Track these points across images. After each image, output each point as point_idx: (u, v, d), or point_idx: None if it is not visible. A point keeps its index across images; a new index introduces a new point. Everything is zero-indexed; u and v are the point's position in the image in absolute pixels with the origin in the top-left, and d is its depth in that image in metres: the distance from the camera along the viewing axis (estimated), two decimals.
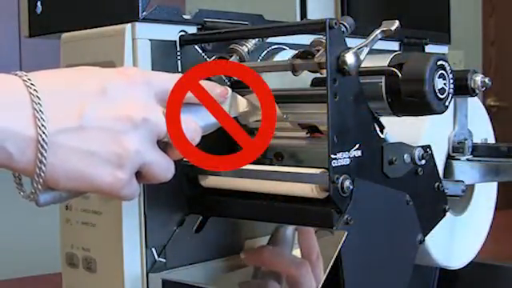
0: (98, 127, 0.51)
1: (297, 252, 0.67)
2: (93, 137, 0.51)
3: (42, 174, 0.50)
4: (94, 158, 0.51)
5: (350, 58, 0.55)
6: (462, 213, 0.74)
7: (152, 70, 0.62)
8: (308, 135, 0.63)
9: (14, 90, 0.50)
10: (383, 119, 0.60)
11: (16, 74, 0.51)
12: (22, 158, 0.50)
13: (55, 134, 0.50)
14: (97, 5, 0.65)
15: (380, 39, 0.57)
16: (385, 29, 0.57)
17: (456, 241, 0.72)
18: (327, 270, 0.55)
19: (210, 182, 0.62)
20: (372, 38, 0.57)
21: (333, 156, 0.55)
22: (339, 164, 0.55)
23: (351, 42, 0.56)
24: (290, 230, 0.66)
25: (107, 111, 0.52)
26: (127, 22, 0.61)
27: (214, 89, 0.59)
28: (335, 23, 0.55)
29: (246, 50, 0.63)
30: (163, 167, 0.55)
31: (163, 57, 0.62)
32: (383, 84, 0.58)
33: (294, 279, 0.62)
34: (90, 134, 0.51)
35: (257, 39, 0.64)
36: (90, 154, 0.51)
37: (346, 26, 0.58)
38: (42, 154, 0.50)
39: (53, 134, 0.50)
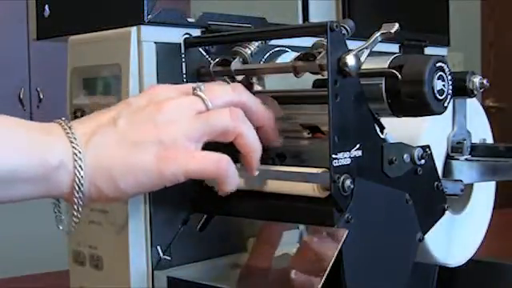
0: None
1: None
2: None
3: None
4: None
5: (350, 60, 0.55)
6: (461, 211, 0.74)
7: (157, 71, 0.63)
8: (310, 136, 0.63)
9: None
10: (383, 120, 0.61)
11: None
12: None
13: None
14: (103, 8, 0.66)
15: (380, 41, 0.58)
16: (385, 31, 0.58)
17: (455, 239, 0.73)
18: (328, 268, 0.56)
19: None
20: (372, 40, 0.58)
21: (334, 156, 0.55)
22: (340, 164, 0.56)
23: (352, 44, 0.57)
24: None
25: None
26: (133, 25, 0.62)
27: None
28: (336, 26, 0.56)
29: (248, 52, 0.64)
30: None
31: (168, 59, 0.63)
32: (383, 85, 0.59)
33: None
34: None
35: (259, 41, 0.65)
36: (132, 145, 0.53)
37: (346, 29, 0.59)
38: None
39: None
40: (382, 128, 0.60)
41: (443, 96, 0.59)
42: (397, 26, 0.58)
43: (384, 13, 0.85)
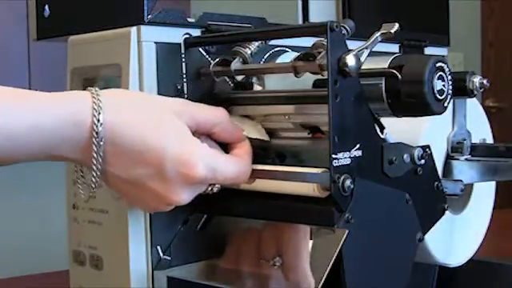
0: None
1: None
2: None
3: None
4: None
5: (350, 60, 0.55)
6: (461, 211, 0.74)
7: (157, 71, 0.62)
8: (310, 135, 0.63)
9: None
10: (383, 120, 0.61)
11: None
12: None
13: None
14: (103, 8, 0.66)
15: (380, 41, 0.58)
16: (385, 31, 0.58)
17: (455, 239, 0.73)
18: (328, 268, 0.56)
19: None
20: (372, 40, 0.58)
21: (334, 156, 0.55)
22: (340, 164, 0.56)
23: (352, 43, 0.57)
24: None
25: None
26: (133, 25, 0.62)
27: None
28: (336, 26, 0.56)
29: (248, 52, 0.64)
30: None
31: (168, 59, 0.63)
32: (383, 85, 0.59)
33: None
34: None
35: (259, 42, 0.65)
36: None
37: (346, 29, 0.58)
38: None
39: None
40: (382, 128, 0.60)
41: (443, 96, 0.59)
42: (397, 26, 0.58)
43: (384, 13, 0.85)
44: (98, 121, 0.54)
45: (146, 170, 0.56)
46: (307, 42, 0.63)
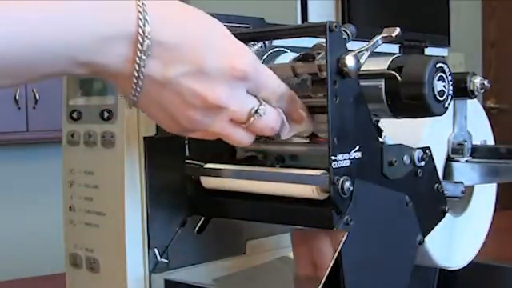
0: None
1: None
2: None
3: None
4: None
5: (349, 61, 0.55)
6: (462, 214, 0.74)
7: None
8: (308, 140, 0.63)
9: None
10: (383, 121, 0.60)
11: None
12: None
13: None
14: None
15: (380, 45, 0.58)
16: (386, 35, 0.58)
17: (455, 241, 0.72)
18: (327, 270, 0.56)
19: (211, 183, 0.63)
20: (373, 43, 0.57)
21: (333, 158, 0.55)
22: (339, 165, 0.55)
23: (351, 44, 0.57)
24: None
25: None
26: None
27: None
28: (335, 26, 0.55)
29: None
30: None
31: None
32: (383, 87, 0.58)
33: None
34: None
35: (260, 44, 0.65)
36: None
37: (347, 33, 0.58)
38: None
39: None
40: (379, 132, 0.60)
41: (443, 97, 0.59)
42: (398, 30, 0.58)
43: (384, 13, 0.85)
44: (145, 19, 0.48)
45: (184, 67, 0.50)
46: (306, 42, 0.63)
